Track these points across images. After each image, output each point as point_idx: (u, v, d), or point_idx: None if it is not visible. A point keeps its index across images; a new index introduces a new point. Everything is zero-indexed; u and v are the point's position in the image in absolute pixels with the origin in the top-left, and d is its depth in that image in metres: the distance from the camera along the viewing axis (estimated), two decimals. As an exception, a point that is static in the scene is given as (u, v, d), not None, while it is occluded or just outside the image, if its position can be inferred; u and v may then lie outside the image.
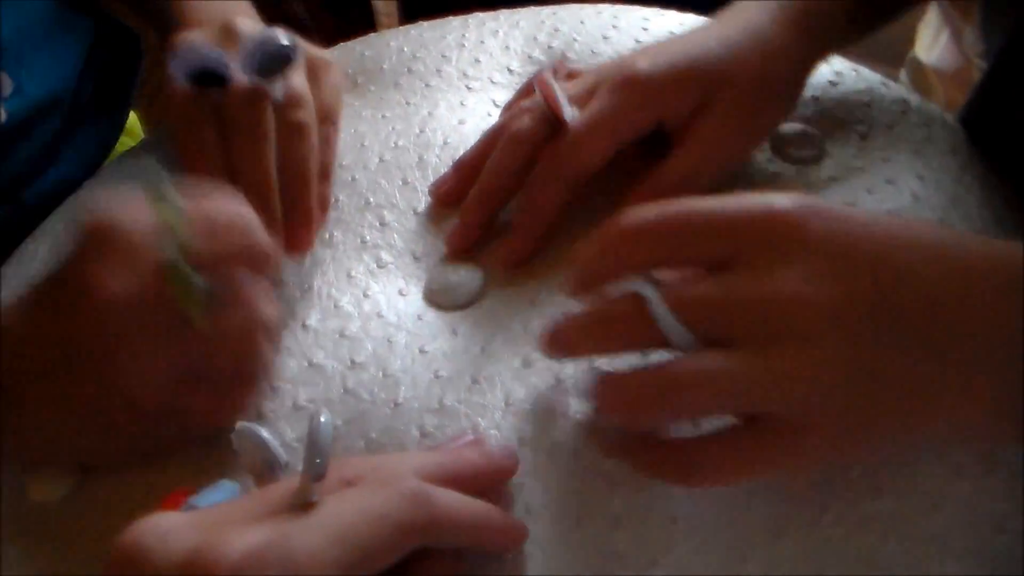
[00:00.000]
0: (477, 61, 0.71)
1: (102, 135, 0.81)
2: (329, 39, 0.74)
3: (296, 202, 0.57)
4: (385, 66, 0.73)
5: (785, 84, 0.58)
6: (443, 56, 0.72)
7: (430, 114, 0.68)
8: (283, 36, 0.58)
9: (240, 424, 0.44)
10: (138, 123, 0.96)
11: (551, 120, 0.57)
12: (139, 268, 0.45)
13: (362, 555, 0.37)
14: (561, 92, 0.57)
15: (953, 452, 0.45)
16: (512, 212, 0.59)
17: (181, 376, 0.47)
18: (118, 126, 0.86)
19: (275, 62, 0.58)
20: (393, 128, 0.67)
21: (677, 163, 0.56)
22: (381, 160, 0.65)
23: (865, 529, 0.43)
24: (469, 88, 0.69)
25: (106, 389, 0.46)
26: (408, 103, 0.69)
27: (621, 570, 0.43)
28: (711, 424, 0.44)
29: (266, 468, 0.42)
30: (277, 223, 0.56)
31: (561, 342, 0.46)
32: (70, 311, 0.46)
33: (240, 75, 0.58)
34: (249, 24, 0.61)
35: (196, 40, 0.60)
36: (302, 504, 0.38)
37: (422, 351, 0.53)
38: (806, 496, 0.44)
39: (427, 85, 0.70)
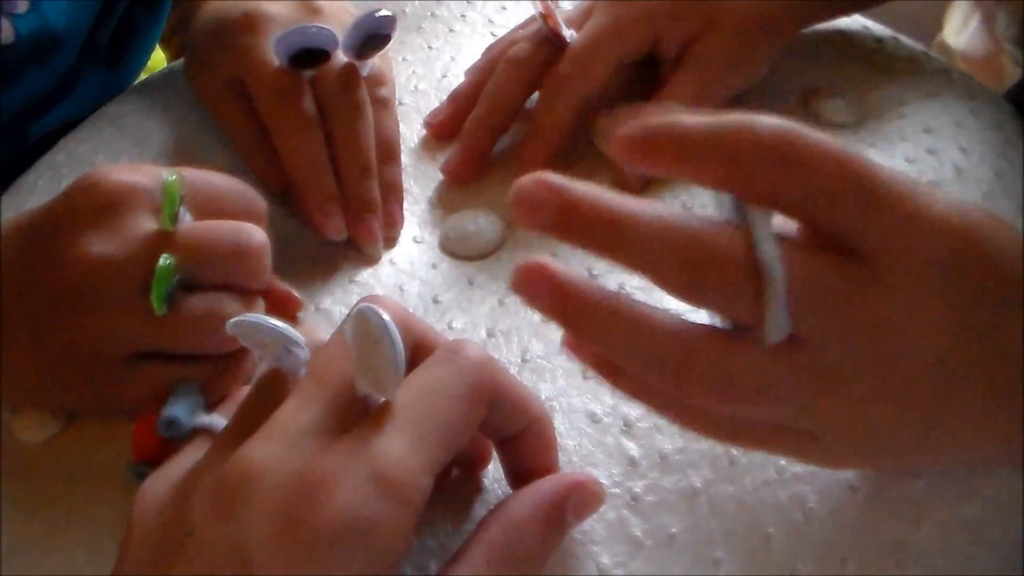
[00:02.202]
0: (504, 8, 0.69)
1: (115, 78, 0.79)
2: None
3: (389, 179, 0.56)
4: (407, 9, 0.70)
5: (779, 22, 0.57)
6: (468, 1, 0.70)
7: (453, 59, 0.65)
8: (384, 13, 0.56)
9: (230, 323, 0.39)
10: (164, 62, 0.94)
11: (551, 42, 0.56)
12: (124, 235, 0.45)
13: (445, 448, 0.36)
14: (559, 13, 0.56)
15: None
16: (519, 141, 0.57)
17: (144, 348, 0.45)
18: (134, 71, 0.83)
19: (376, 40, 0.56)
20: (414, 72, 0.65)
21: (672, 91, 0.55)
22: (400, 104, 0.62)
23: (896, 513, 0.41)
24: (494, 35, 0.66)
25: (76, 344, 0.45)
26: (431, 47, 0.67)
27: (637, 550, 0.41)
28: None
29: (283, 351, 0.39)
30: (376, 202, 0.55)
31: (613, 230, 0.32)
32: (50, 261, 0.45)
33: (338, 53, 0.56)
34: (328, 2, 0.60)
35: (284, 14, 0.58)
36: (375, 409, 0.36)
37: (435, 301, 0.51)
38: (837, 474, 0.42)
39: (451, 30, 0.68)
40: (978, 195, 0.52)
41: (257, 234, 0.47)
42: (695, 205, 0.54)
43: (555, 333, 0.48)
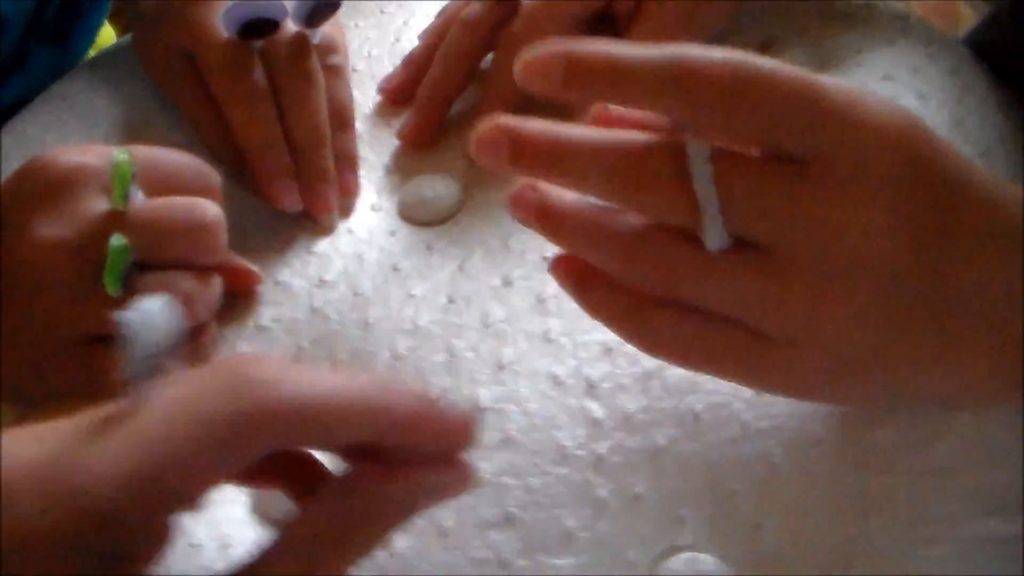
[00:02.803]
0: (456, -31, 0.68)
1: (64, 56, 0.78)
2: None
3: (343, 148, 0.56)
4: (359, -28, 0.69)
5: None
6: (420, -37, 0.69)
7: (405, 23, 0.64)
8: None
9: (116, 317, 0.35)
10: (113, 38, 0.92)
11: (503, 3, 0.56)
12: (75, 216, 0.44)
13: (170, 464, 0.30)
14: None
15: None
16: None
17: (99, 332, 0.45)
18: (83, 48, 0.82)
19: (325, 8, 0.56)
20: (367, 37, 0.64)
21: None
22: (354, 70, 0.61)
23: (862, 463, 0.41)
24: (447, -4, 0.66)
25: (30, 329, 0.44)
26: (383, 12, 0.66)
27: (602, 511, 0.41)
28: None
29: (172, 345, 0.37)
30: (331, 172, 0.54)
31: (556, 155, 0.37)
32: (1, 245, 0.44)
33: (288, 23, 0.55)
34: None
35: None
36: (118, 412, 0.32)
37: (395, 268, 0.51)
38: (801, 427, 0.42)
39: (403, -8, 0.67)
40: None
41: (211, 209, 0.46)
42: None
43: (516, 298, 0.48)
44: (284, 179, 0.53)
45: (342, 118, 0.56)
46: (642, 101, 0.36)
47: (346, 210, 0.54)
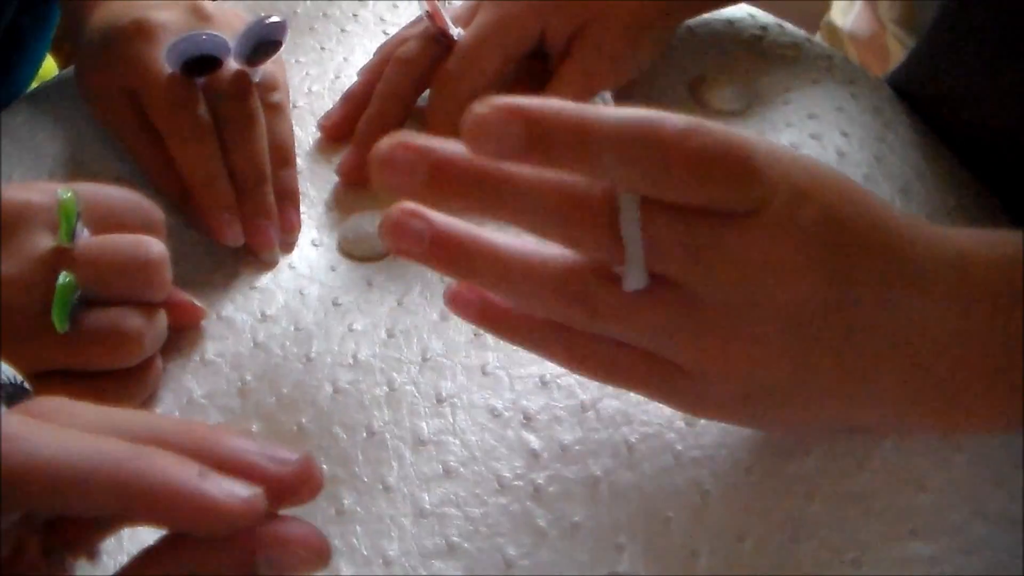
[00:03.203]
0: (395, 6, 0.69)
1: (5, 88, 0.77)
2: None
3: (284, 184, 0.56)
4: (299, 10, 0.70)
5: (665, 13, 0.59)
6: (360, 1, 0.70)
7: (345, 60, 0.65)
8: (275, 19, 0.56)
9: None
10: (55, 69, 0.92)
11: (438, 40, 0.57)
12: (21, 254, 0.44)
13: None
14: (447, 12, 0.57)
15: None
16: None
17: (48, 367, 0.45)
18: (24, 81, 0.82)
19: (267, 46, 0.56)
20: (307, 73, 0.65)
21: (560, 83, 0.57)
22: (294, 107, 0.62)
23: (789, 490, 0.42)
24: (386, 33, 0.66)
25: None
26: (323, 48, 0.67)
27: (542, 540, 0.42)
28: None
29: None
30: (272, 208, 0.55)
31: (504, 190, 0.36)
32: None
33: (230, 61, 0.56)
34: (214, 5, 0.59)
35: (174, 21, 0.57)
36: None
37: (335, 303, 0.51)
38: (731, 456, 0.43)
39: (343, 30, 0.68)
40: (859, 177, 0.54)
41: (155, 246, 0.47)
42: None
43: (455, 331, 0.49)
44: (226, 215, 0.53)
45: (283, 155, 0.57)
46: (604, 171, 0.35)
47: (287, 245, 0.55)
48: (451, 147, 0.35)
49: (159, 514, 0.30)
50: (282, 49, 0.57)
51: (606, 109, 0.36)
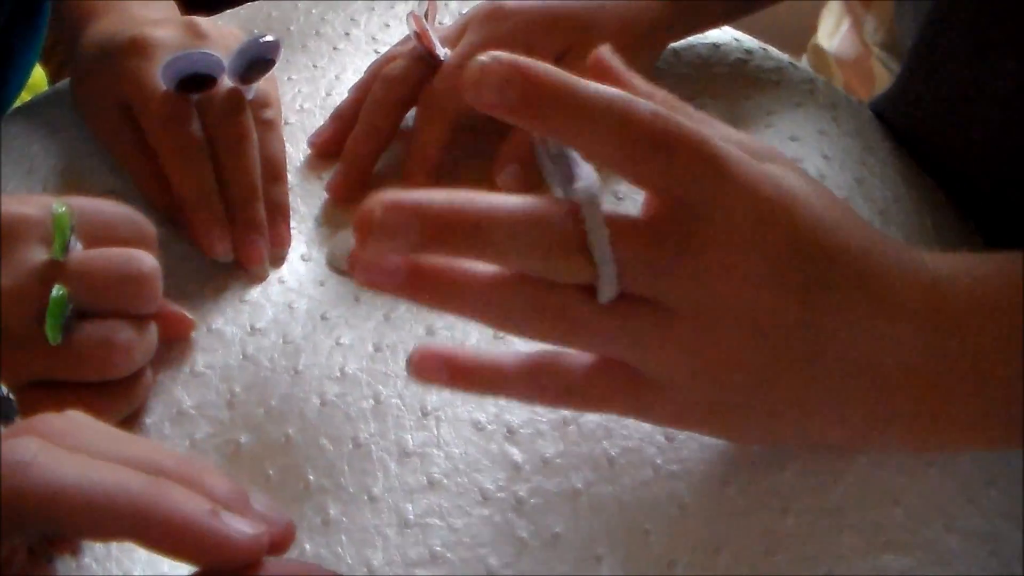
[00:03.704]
0: (387, 26, 0.70)
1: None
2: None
3: (275, 199, 0.57)
4: (292, 28, 0.71)
5: (651, 35, 0.60)
6: (352, 20, 0.71)
7: (337, 77, 0.66)
8: (269, 38, 0.57)
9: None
10: (44, 78, 0.93)
11: (425, 60, 0.58)
12: (15, 267, 0.45)
13: None
14: (434, 32, 0.58)
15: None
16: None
17: (40, 378, 0.46)
18: (13, 91, 0.82)
19: (260, 65, 0.57)
20: (299, 91, 0.66)
21: None
22: (286, 123, 0.63)
23: (765, 504, 0.43)
24: (377, 52, 0.68)
25: None
26: (315, 66, 0.68)
27: (523, 550, 0.43)
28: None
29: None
30: (263, 223, 0.55)
31: (464, 230, 0.36)
32: None
33: (224, 78, 0.57)
34: (209, 23, 0.60)
35: (170, 39, 0.58)
36: None
37: (324, 318, 0.52)
38: (709, 470, 0.44)
39: (335, 48, 0.69)
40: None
41: (147, 260, 0.48)
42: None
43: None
44: (217, 230, 0.54)
45: (274, 171, 0.58)
46: (584, 137, 0.37)
47: (277, 260, 0.56)
48: (437, 198, 0.36)
49: (172, 546, 0.32)
50: (275, 67, 0.58)
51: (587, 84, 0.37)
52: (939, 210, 0.56)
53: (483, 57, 0.36)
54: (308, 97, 0.65)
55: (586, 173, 0.37)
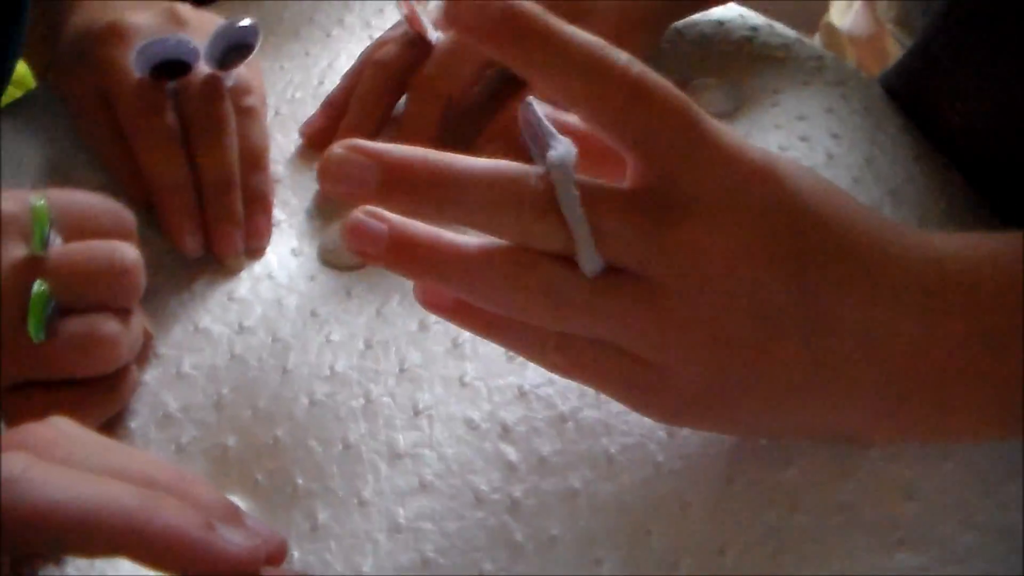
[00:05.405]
0: (381, 11, 0.69)
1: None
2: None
3: (255, 189, 0.56)
4: (285, 15, 0.69)
5: (653, 14, 0.59)
6: (345, 5, 0.69)
7: (330, 65, 0.65)
8: (246, 23, 0.56)
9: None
10: (29, 73, 0.91)
11: (417, 45, 0.57)
12: None
13: None
14: (425, 16, 0.57)
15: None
16: None
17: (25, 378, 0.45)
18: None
19: (238, 51, 0.56)
20: (291, 80, 0.64)
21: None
22: (277, 113, 0.62)
23: (771, 501, 0.41)
24: (371, 38, 0.65)
25: None
26: (308, 53, 0.66)
27: (519, 554, 0.41)
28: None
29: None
30: (238, 214, 0.54)
31: (433, 185, 0.36)
32: None
33: (201, 64, 0.56)
34: (190, 9, 0.59)
35: (148, 24, 0.57)
36: None
37: (313, 314, 0.51)
38: (713, 467, 0.42)
39: (328, 35, 0.67)
40: (849, 180, 0.53)
41: (129, 252, 0.47)
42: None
43: (433, 342, 0.48)
44: (187, 222, 0.53)
45: (254, 159, 0.56)
46: (559, 71, 0.36)
47: (255, 252, 0.54)
48: (402, 149, 0.36)
49: (167, 561, 0.31)
50: (257, 52, 0.56)
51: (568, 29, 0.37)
52: (952, 189, 0.54)
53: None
54: (300, 86, 0.64)
55: (563, 145, 0.36)
